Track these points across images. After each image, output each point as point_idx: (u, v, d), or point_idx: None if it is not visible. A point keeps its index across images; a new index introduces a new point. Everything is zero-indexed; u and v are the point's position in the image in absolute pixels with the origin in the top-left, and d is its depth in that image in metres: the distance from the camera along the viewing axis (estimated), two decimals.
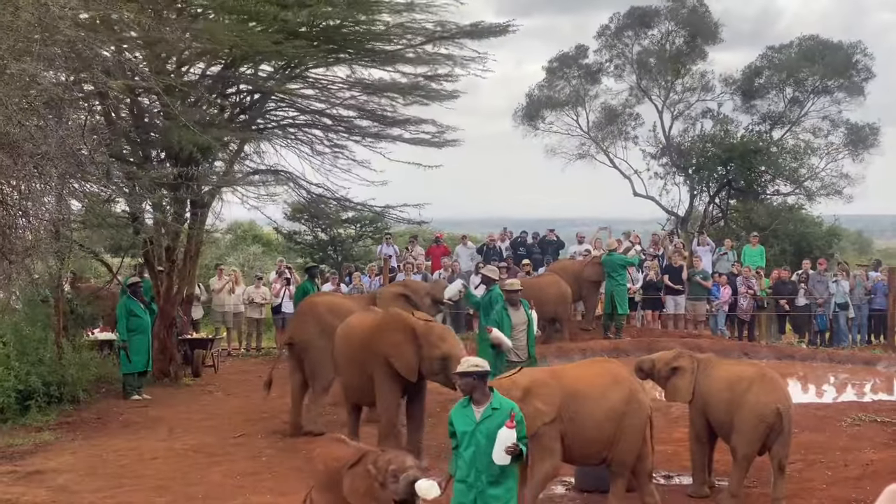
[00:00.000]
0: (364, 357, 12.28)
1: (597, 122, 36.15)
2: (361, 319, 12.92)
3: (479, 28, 18.57)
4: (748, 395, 10.20)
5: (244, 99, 19.16)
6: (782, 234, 31.67)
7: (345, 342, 12.64)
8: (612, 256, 21.58)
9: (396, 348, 11.96)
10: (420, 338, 11.88)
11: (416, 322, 12.12)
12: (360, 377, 12.37)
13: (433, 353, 11.77)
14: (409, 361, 11.92)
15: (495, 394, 8.18)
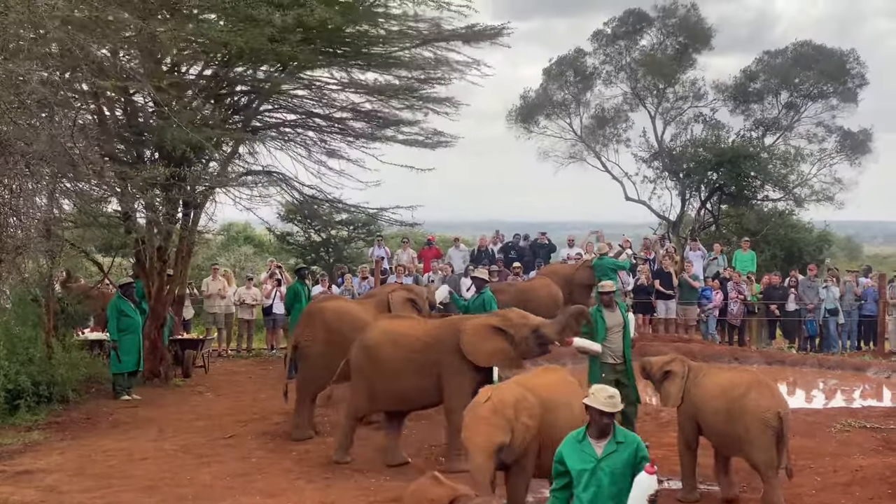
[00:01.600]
0: (428, 360, 12.33)
1: (589, 126, 36.16)
2: (410, 324, 12.97)
3: (473, 31, 18.58)
4: (748, 402, 10.15)
5: (238, 100, 19.15)
6: (773, 240, 31.72)
7: (396, 348, 12.53)
8: (603, 260, 21.58)
9: (488, 346, 12.15)
10: (503, 327, 12.17)
11: (486, 317, 12.63)
12: (419, 381, 12.34)
13: (523, 332, 12.10)
14: (508, 352, 12.13)
15: (616, 426, 7.34)
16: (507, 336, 12.23)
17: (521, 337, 12.23)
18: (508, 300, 19.61)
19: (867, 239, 69.47)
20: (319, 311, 14.41)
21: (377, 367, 12.42)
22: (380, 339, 12.59)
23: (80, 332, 19.11)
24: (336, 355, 13.80)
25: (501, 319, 12.44)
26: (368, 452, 12.92)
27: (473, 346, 12.19)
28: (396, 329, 12.74)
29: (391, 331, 12.71)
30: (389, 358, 12.44)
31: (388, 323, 13.00)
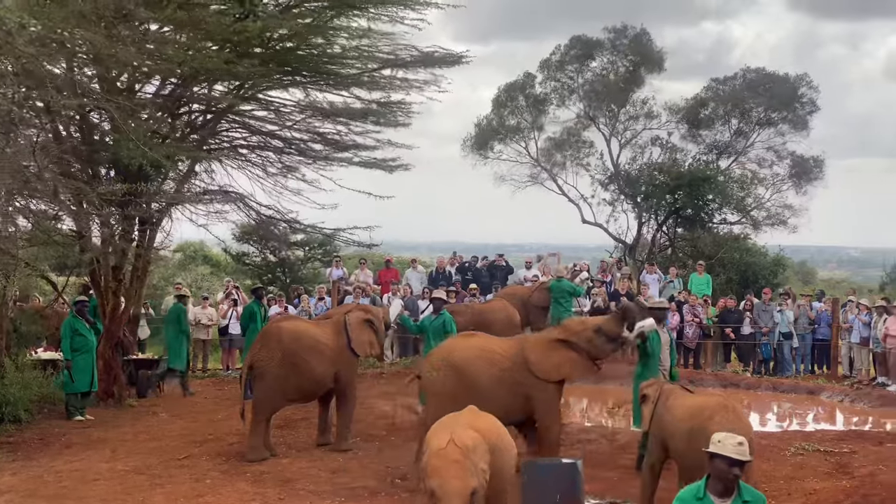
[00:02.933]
0: (516, 378, 12.45)
1: (545, 150, 36.27)
2: (495, 343, 13.14)
3: (433, 57, 18.63)
4: (712, 426, 10.17)
5: (196, 118, 19.07)
6: (728, 263, 31.92)
7: (490, 366, 12.59)
8: (561, 283, 21.71)
9: (554, 359, 12.47)
10: (564, 338, 12.53)
11: (546, 332, 13.11)
12: (509, 400, 12.35)
13: (586, 335, 12.53)
14: (577, 361, 12.54)
15: (741, 483, 6.54)
16: (571, 345, 12.56)
17: (585, 341, 12.57)
18: (466, 321, 19.66)
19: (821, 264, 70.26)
20: (276, 332, 14.34)
21: (468, 386, 12.38)
22: (470, 358, 12.67)
23: (34, 351, 18.90)
24: (292, 376, 13.79)
25: (560, 331, 12.83)
26: (323, 474, 12.87)
27: (540, 363, 12.48)
28: (484, 347, 12.88)
29: (479, 349, 12.83)
30: (481, 376, 12.51)
31: (473, 341, 13.17)
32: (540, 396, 12.45)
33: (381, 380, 19.64)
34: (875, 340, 21.03)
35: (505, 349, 12.83)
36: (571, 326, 12.88)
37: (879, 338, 20.78)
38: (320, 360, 14.05)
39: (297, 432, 15.26)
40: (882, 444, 13.87)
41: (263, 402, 13.90)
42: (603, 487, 11.93)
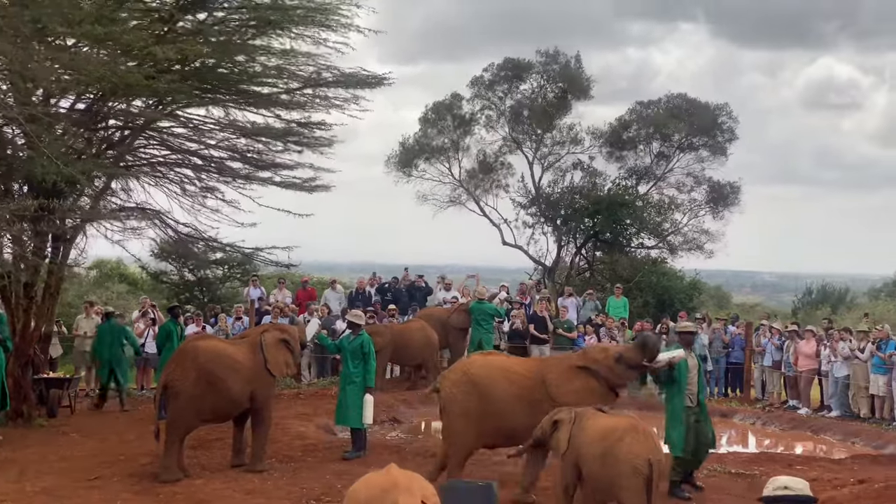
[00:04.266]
0: (539, 398, 12.46)
1: (469, 171, 36.38)
2: (517, 361, 13.51)
3: (355, 78, 18.62)
4: (622, 447, 10.24)
5: (113, 134, 18.81)
6: (645, 287, 32.29)
7: (510, 385, 12.62)
8: (482, 305, 21.79)
9: (574, 386, 12.57)
10: (585, 365, 12.67)
11: (567, 358, 13.31)
12: (531, 419, 12.17)
13: (606, 364, 12.65)
14: (596, 388, 12.66)
15: None
16: (591, 372, 12.64)
17: (606, 369, 12.66)
18: (385, 342, 19.69)
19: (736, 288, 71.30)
20: (191, 351, 14.16)
21: (487, 404, 12.42)
22: (492, 375, 12.66)
23: None
24: (207, 396, 13.63)
25: (581, 358, 12.96)
26: (237, 495, 12.72)
27: (560, 388, 12.54)
28: (504, 366, 12.94)
29: (500, 367, 12.85)
30: (500, 395, 12.52)
31: (493, 359, 13.24)
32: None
33: (299, 400, 19.49)
34: (787, 364, 21.42)
35: (525, 369, 13.00)
36: (592, 354, 12.99)
37: (791, 361, 21.17)
38: (236, 379, 13.90)
39: (211, 453, 15.06)
40: (791, 467, 14.08)
41: (177, 421, 13.69)
42: None
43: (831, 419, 20.15)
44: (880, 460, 15.31)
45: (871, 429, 18.95)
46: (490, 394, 12.57)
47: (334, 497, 12.63)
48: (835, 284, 48.55)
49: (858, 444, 17.95)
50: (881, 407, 19.79)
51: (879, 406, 19.83)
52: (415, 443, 16.20)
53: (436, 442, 16.62)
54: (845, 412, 20.30)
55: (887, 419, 19.50)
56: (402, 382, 22.05)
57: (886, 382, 19.59)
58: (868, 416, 19.89)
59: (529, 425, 12.19)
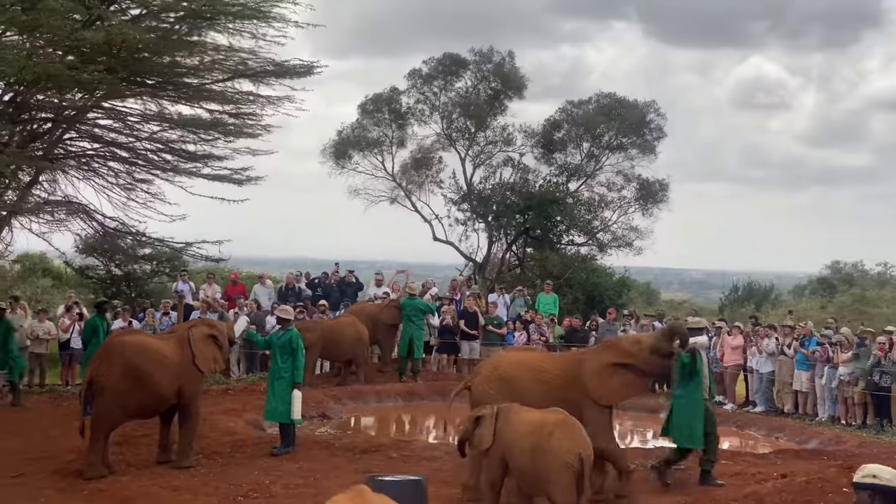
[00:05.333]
0: (569, 397, 12.32)
1: (404, 166, 36.33)
2: (545, 358, 13.47)
3: (283, 67, 18.56)
4: (552, 441, 10.30)
5: (40, 126, 18.53)
6: (575, 283, 32.52)
7: (538, 383, 12.54)
8: (413, 300, 21.82)
9: (613, 384, 12.48)
10: (622, 361, 12.53)
11: (600, 355, 12.84)
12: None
13: (642, 356, 12.51)
14: (636, 383, 12.73)
15: None
16: (629, 367, 12.56)
17: (642, 361, 12.59)
18: (315, 338, 19.62)
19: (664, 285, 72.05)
20: (118, 346, 14.01)
21: (519, 401, 12.04)
22: (519, 373, 12.60)
23: None
24: (134, 391, 13.50)
25: (616, 354, 12.72)
26: (164, 492, 12.62)
27: (599, 389, 12.45)
28: (535, 364, 12.86)
29: (530, 365, 12.78)
30: (531, 393, 12.37)
31: (523, 357, 13.20)
32: (593, 417, 12.30)
33: (227, 396, 19.36)
34: (713, 360, 21.69)
35: (556, 366, 12.89)
36: (627, 348, 12.84)
37: (717, 357, 21.46)
38: (163, 375, 13.79)
39: (137, 449, 14.89)
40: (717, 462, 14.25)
41: (103, 417, 13.53)
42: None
43: (756, 414, 20.47)
44: (803, 455, 15.57)
45: (794, 424, 19.28)
46: (521, 392, 12.41)
47: (262, 493, 12.60)
48: (760, 282, 49.34)
49: (782, 440, 18.26)
50: (804, 403, 20.19)
51: (803, 402, 20.23)
52: (344, 438, 16.17)
53: (365, 438, 16.66)
54: (770, 408, 20.65)
55: (810, 415, 19.90)
56: (331, 378, 21.99)
57: (810, 378, 19.97)
58: (792, 412, 20.27)
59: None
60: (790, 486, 12.02)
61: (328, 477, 13.42)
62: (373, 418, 19.68)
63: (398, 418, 20.17)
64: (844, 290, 44.14)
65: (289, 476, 13.42)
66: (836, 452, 15.60)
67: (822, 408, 19.74)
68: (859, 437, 17.63)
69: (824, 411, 19.67)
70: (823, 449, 16.57)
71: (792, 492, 11.66)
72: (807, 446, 17.30)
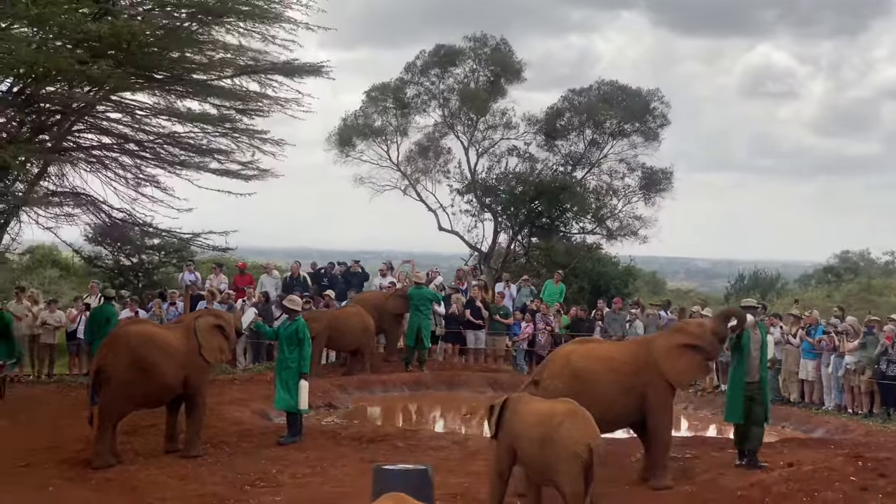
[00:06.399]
0: (639, 382, 12.60)
1: (408, 155, 36.34)
2: (612, 347, 13.64)
3: (293, 66, 18.59)
4: (561, 432, 10.31)
5: (48, 119, 18.56)
6: (581, 273, 32.54)
7: (610, 373, 12.62)
8: (420, 290, 21.82)
9: (682, 365, 12.76)
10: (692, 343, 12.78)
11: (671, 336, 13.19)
12: (629, 404, 12.60)
13: (707, 339, 12.84)
14: (703, 366, 13.22)
15: None
16: (696, 349, 12.83)
17: (707, 343, 12.88)
18: (321, 328, 19.64)
19: (669, 275, 71.92)
20: (124, 335, 14.11)
21: (589, 394, 12.12)
22: (592, 366, 12.64)
23: None
24: (140, 381, 13.57)
25: (686, 336, 12.98)
26: (172, 481, 12.68)
27: (672, 369, 12.70)
28: (604, 354, 12.95)
29: (600, 356, 12.86)
30: (601, 383, 12.49)
31: (592, 347, 13.27)
32: (658, 399, 12.68)
33: (234, 385, 19.41)
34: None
35: (625, 354, 12.99)
36: (693, 330, 13.10)
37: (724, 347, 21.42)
38: (170, 364, 13.87)
39: (145, 439, 14.97)
40: (723, 451, 14.25)
41: (110, 407, 13.61)
42: (453, 493, 12.03)
43: None
44: (809, 444, 15.53)
45: (800, 413, 19.28)
46: (594, 384, 12.48)
47: (269, 482, 12.66)
48: (767, 271, 49.21)
49: (788, 428, 18.23)
50: (810, 392, 20.21)
51: (809, 391, 20.25)
52: (350, 428, 16.20)
53: (371, 427, 16.69)
54: (776, 397, 20.61)
55: (816, 404, 19.91)
56: (337, 368, 22.01)
57: (816, 367, 19.99)
58: (798, 401, 20.28)
59: (633, 412, 12.66)
60: (796, 474, 12.04)
61: (335, 466, 13.48)
62: (379, 408, 19.70)
63: (404, 408, 20.19)
64: (850, 279, 44.08)
65: (296, 465, 13.48)
66: (843, 441, 15.58)
67: (829, 397, 19.76)
68: (866, 425, 17.65)
69: (830, 400, 19.69)
70: (830, 438, 16.56)
71: (798, 480, 11.68)
72: (813, 435, 17.28)
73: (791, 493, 11.19)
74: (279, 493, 12.25)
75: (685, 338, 12.97)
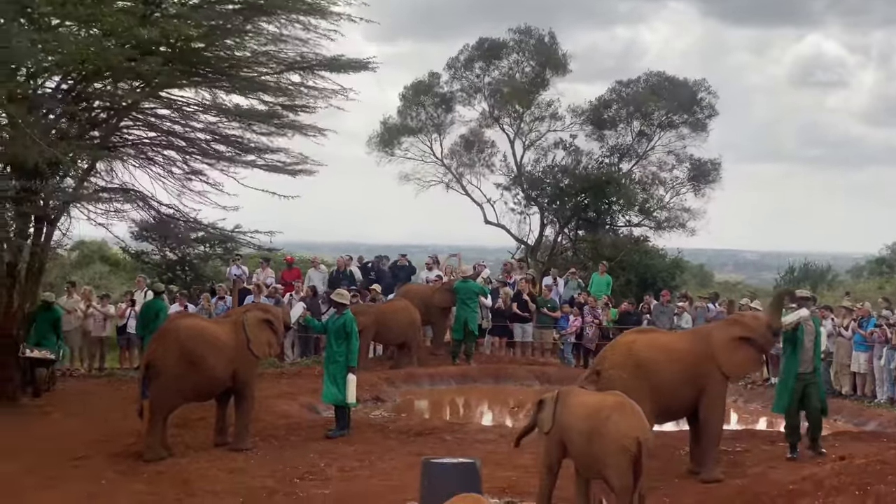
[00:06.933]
0: (699, 372, 12.71)
1: (452, 150, 36.32)
2: (673, 338, 13.71)
3: (339, 62, 18.62)
4: (609, 425, 10.28)
5: (97, 115, 18.74)
6: (628, 266, 32.40)
7: (673, 363, 12.74)
8: (467, 283, 21.82)
9: (739, 357, 12.86)
10: (748, 336, 12.86)
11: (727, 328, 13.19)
12: (689, 394, 12.73)
13: (761, 331, 12.93)
14: (758, 359, 13.47)
15: None
16: (753, 343, 12.91)
17: (761, 336, 12.98)
18: (368, 322, 19.68)
19: (717, 267, 71.41)
20: (173, 330, 14.27)
21: (651, 383, 12.42)
22: (655, 355, 12.72)
23: None
24: (190, 374, 13.68)
25: (742, 328, 13.03)
26: (222, 474, 12.77)
27: (729, 362, 12.81)
28: (666, 344, 13.04)
29: (662, 346, 12.94)
30: (664, 373, 12.61)
31: (653, 337, 13.34)
32: (713, 391, 12.79)
33: (282, 379, 19.52)
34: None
35: (686, 345, 13.07)
36: (749, 323, 13.12)
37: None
38: (218, 358, 13.98)
39: (195, 432, 15.09)
40: (774, 444, 14.18)
41: (160, 400, 13.75)
42: (501, 487, 12.03)
43: None
44: (861, 437, 15.42)
45: (852, 406, 19.10)
46: (657, 374, 12.58)
47: (318, 475, 12.72)
48: (817, 263, 48.70)
49: (840, 422, 18.06)
50: (862, 384, 19.96)
51: (861, 383, 20.01)
52: (398, 421, 16.25)
53: (419, 420, 16.72)
54: (827, 389, 20.42)
55: (868, 397, 19.68)
56: (385, 362, 22.07)
57: (868, 360, 19.75)
58: (850, 394, 20.05)
59: (692, 402, 12.71)
60: (849, 468, 11.91)
61: (382, 459, 13.52)
62: (426, 401, 19.76)
63: (451, 401, 20.22)
64: None
65: (344, 458, 13.53)
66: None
67: (881, 390, 19.51)
68: None
69: (883, 393, 19.43)
70: (883, 431, 16.41)
71: (850, 474, 11.55)
72: (865, 428, 17.14)
73: (843, 486, 11.05)
74: (328, 487, 12.31)
75: (741, 330, 12.98)
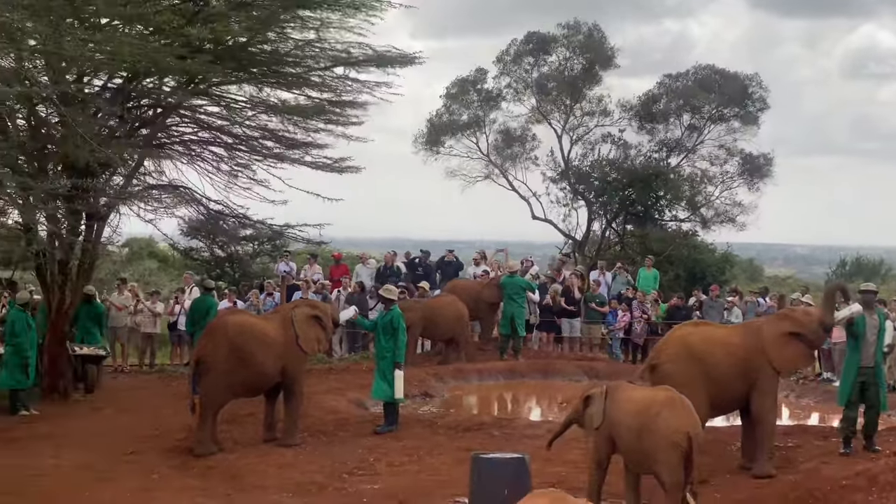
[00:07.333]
0: (752, 366, 12.75)
1: (496, 145, 36.21)
2: (727, 331, 13.67)
3: (386, 56, 18.62)
4: (659, 421, 10.23)
5: (145, 113, 18.89)
6: (676, 260, 32.18)
7: (727, 356, 12.77)
8: (514, 279, 21.79)
9: (788, 353, 12.89)
10: (799, 331, 12.86)
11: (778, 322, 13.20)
12: (741, 388, 12.78)
13: (812, 327, 12.93)
14: (808, 355, 13.54)
15: None
16: (802, 338, 12.92)
17: (812, 332, 12.97)
18: (416, 318, 19.69)
19: (767, 261, 70.75)
20: (222, 326, 14.37)
21: (707, 376, 12.51)
22: (710, 349, 12.78)
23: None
24: (239, 370, 13.77)
25: (793, 323, 13.04)
26: (271, 469, 12.84)
27: (780, 357, 12.82)
28: (720, 338, 13.07)
29: (716, 339, 12.99)
30: (719, 366, 12.67)
31: (707, 330, 13.39)
32: (766, 385, 12.84)
33: (330, 375, 19.58)
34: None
35: (739, 338, 13.05)
36: (800, 319, 13.13)
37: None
38: (267, 354, 14.06)
39: (244, 427, 15.18)
40: (826, 439, 14.02)
41: (210, 396, 13.84)
42: (550, 482, 11.99)
43: None
44: None
45: None
46: (712, 366, 12.63)
47: (367, 470, 12.76)
48: (869, 256, 48.14)
49: (894, 417, 17.85)
50: None
51: None
52: (446, 417, 16.25)
53: (467, 416, 16.71)
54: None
55: None
56: (433, 357, 22.09)
57: None
58: None
59: (745, 396, 12.72)
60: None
61: (431, 455, 13.54)
62: (474, 397, 19.74)
63: (500, 396, 20.21)
64: None
65: (392, 454, 13.56)
66: None
67: None
68: None
69: None
70: None
71: None
72: None
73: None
74: (377, 482, 12.35)
75: (792, 325, 12.93)
